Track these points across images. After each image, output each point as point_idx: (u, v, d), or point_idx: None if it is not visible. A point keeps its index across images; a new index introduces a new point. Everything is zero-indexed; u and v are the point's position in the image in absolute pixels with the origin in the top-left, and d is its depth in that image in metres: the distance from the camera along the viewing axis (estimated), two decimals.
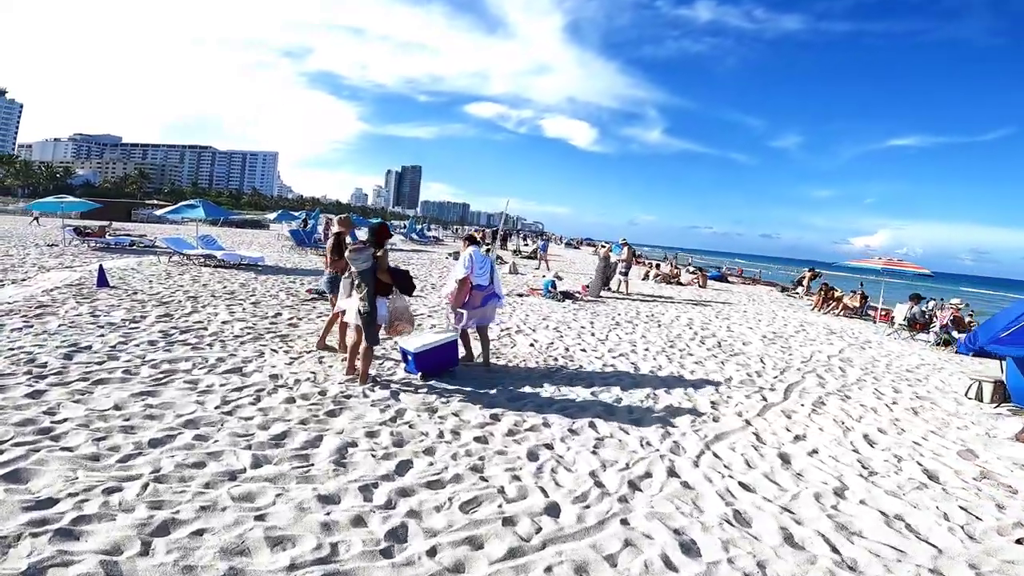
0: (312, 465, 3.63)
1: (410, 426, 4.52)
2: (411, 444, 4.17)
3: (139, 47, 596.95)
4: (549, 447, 4.39)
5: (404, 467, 3.78)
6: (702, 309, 14.55)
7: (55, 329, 6.24)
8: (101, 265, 10.48)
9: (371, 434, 4.26)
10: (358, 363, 5.46)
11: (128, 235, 21.51)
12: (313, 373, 5.54)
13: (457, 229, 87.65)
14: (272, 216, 41.84)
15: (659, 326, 10.84)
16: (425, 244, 40.30)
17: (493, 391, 5.64)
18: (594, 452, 4.36)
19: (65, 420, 3.82)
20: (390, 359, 6.37)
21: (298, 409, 4.56)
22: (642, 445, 4.60)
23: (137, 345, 5.88)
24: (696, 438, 4.86)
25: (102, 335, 6.18)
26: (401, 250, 29.84)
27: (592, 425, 4.94)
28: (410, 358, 5.82)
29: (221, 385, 4.88)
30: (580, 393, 5.87)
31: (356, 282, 5.32)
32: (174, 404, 4.32)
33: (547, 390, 5.88)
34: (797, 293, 22.86)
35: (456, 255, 26.09)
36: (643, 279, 22.34)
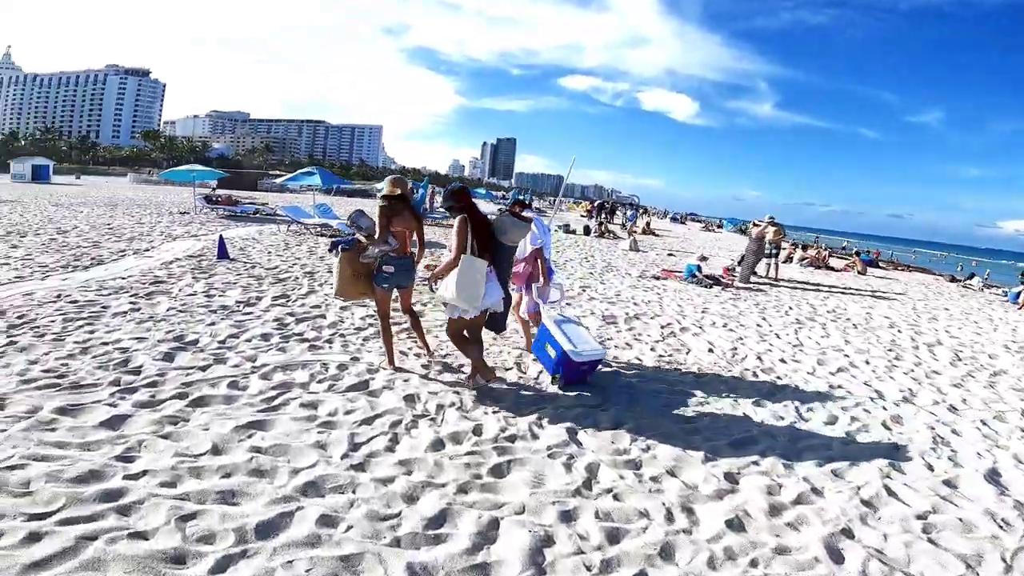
0: None
1: (616, 497, 2.99)
2: (633, 536, 2.63)
3: (261, 27, 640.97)
4: (848, 534, 2.77)
5: None
6: (890, 304, 11.78)
7: (162, 315, 5.38)
8: (221, 236, 9.98)
9: (567, 516, 2.76)
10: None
11: (252, 203, 22.00)
12: (457, 394, 4.14)
13: (553, 200, 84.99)
14: (380, 185, 42.28)
15: (855, 327, 8.53)
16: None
17: (700, 426, 4.01)
18: (930, 540, 2.76)
19: (144, 474, 2.65)
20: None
21: (451, 463, 3.15)
22: (999, 524, 2.89)
23: (248, 340, 4.82)
24: None
25: (212, 324, 5.22)
26: None
27: (890, 491, 3.25)
28: (582, 365, 4.53)
29: (346, 413, 3.59)
30: (828, 431, 4.18)
31: (500, 264, 4.18)
32: (289, 448, 3.06)
33: (774, 424, 4.20)
34: (970, 284, 18.77)
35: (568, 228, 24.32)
36: (784, 262, 19.33)
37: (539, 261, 5.03)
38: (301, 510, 2.53)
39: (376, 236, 4.26)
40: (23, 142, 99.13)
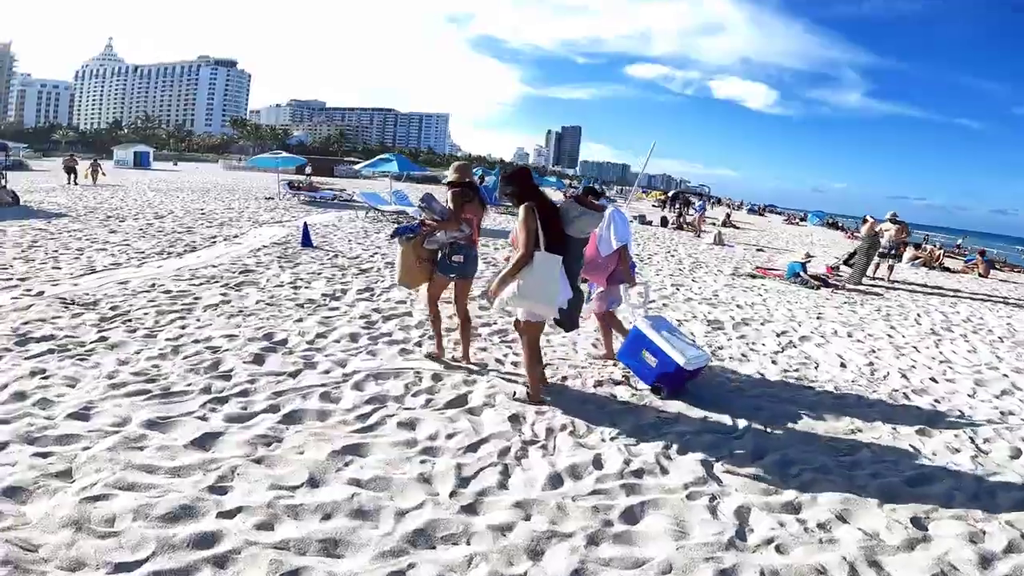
0: None
1: (779, 550, 2.49)
2: None
3: (333, 16, 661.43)
4: None
5: None
6: None
7: (251, 308, 5.21)
8: (305, 223, 9.99)
9: None
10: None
11: (331, 189, 22.46)
12: (567, 415, 3.63)
13: (621, 189, 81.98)
14: (447, 172, 42.71)
15: (1001, 341, 7.32)
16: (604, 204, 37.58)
17: (861, 459, 3.41)
18: None
19: (239, 511, 2.32)
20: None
21: (575, 506, 2.66)
22: None
23: (337, 341, 4.52)
24: None
25: (300, 320, 4.99)
26: None
27: None
28: (685, 372, 4.06)
29: (448, 437, 3.16)
30: (1018, 467, 3.52)
31: (569, 259, 3.59)
32: (391, 482, 2.66)
33: (950, 458, 3.59)
34: None
35: (643, 218, 23.28)
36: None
37: (624, 259, 4.50)
38: (413, 568, 2.11)
39: (449, 221, 4.01)
40: (126, 130, 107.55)
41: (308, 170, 27.18)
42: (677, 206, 30.73)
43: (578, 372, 4.42)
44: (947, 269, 16.86)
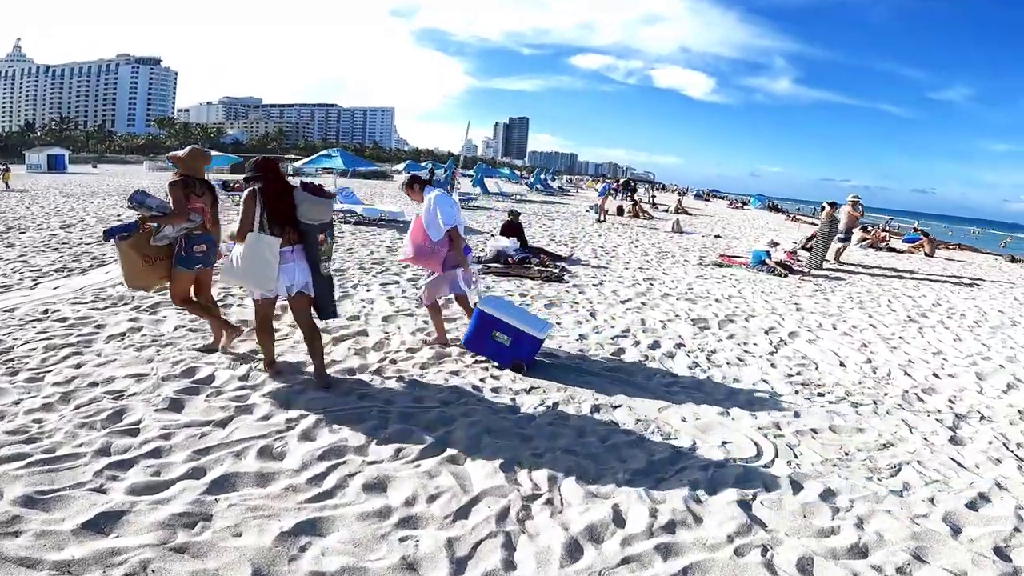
0: None
1: None
2: None
3: (269, 10, 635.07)
4: None
5: None
6: (990, 294, 10.41)
7: (168, 336, 4.29)
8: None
9: None
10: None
11: None
12: (570, 454, 3.00)
13: (570, 179, 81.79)
14: (401, 167, 41.72)
15: (977, 325, 7.24)
16: (552, 195, 37.38)
17: (909, 479, 2.97)
18: None
19: None
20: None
21: None
22: None
23: (277, 372, 3.71)
24: None
25: (232, 347, 4.14)
26: (533, 202, 27.29)
27: None
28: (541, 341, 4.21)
29: (429, 500, 2.45)
30: None
31: (320, 240, 3.51)
32: (365, 574, 1.97)
33: (999, 471, 3.23)
34: None
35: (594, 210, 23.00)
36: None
37: (456, 243, 4.38)
38: None
39: (175, 215, 3.73)
40: (39, 132, 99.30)
41: (289, 168, 25.56)
42: (628, 194, 30.83)
43: (570, 397, 3.80)
44: (892, 249, 17.32)
